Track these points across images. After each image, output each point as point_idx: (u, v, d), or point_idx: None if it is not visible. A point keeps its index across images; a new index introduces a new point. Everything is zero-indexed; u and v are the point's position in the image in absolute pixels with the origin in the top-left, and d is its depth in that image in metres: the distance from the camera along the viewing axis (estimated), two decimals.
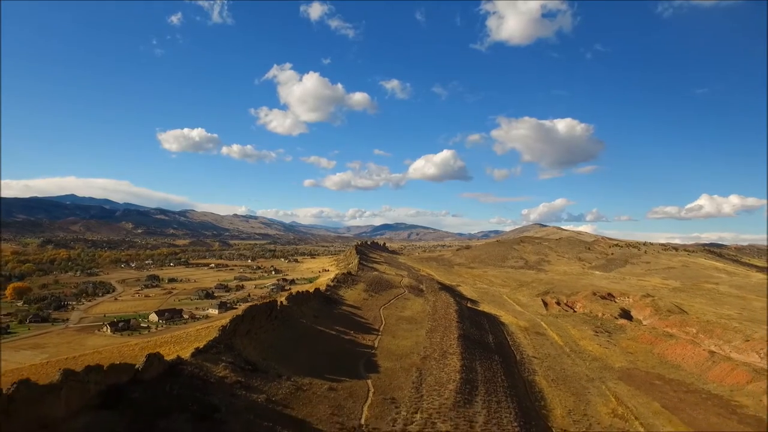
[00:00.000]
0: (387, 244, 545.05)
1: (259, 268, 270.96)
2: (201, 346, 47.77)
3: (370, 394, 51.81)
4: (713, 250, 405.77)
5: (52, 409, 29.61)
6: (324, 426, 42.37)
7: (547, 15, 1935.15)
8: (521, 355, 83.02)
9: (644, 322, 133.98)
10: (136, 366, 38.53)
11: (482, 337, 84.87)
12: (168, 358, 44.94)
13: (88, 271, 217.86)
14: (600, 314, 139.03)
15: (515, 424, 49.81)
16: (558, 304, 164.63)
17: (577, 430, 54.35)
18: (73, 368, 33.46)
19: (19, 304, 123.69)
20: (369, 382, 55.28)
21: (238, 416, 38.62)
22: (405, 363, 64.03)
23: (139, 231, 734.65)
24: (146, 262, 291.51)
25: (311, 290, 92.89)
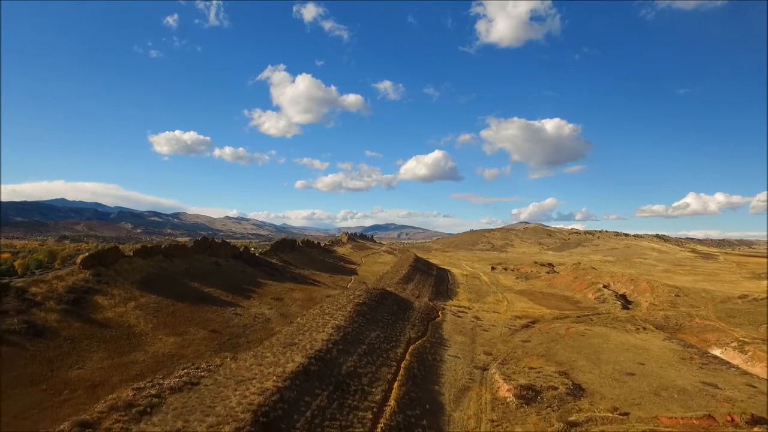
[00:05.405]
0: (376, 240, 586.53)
1: None
2: (264, 251, 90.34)
3: (353, 280, 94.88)
4: (663, 236, 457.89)
5: (218, 254, 72.10)
6: (329, 284, 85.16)
7: (536, 18, 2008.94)
8: (453, 281, 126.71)
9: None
10: (240, 249, 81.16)
11: (428, 270, 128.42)
12: None
13: None
14: (530, 271, 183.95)
15: (429, 294, 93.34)
16: (505, 269, 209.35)
17: (468, 301, 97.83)
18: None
19: None
20: (352, 277, 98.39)
21: (287, 273, 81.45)
22: (374, 274, 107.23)
23: (139, 231, 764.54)
24: None
25: (315, 242, 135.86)
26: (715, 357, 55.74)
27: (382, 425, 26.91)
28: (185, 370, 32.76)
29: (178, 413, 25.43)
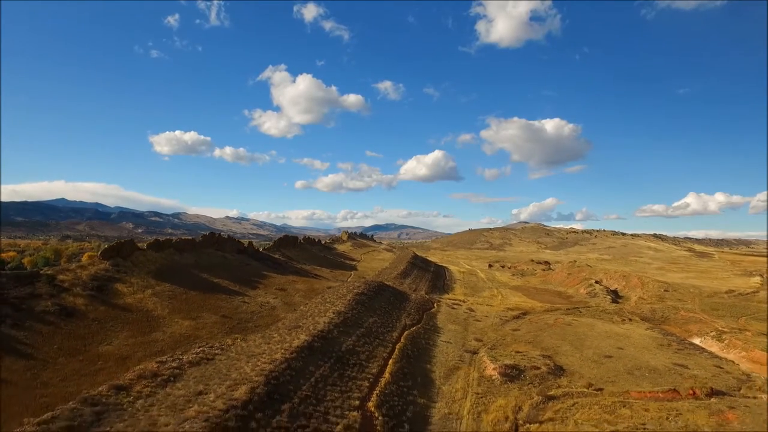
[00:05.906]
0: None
1: None
2: (267, 247, 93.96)
3: (352, 275, 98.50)
4: (660, 235, 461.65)
5: (224, 248, 75.71)
6: (329, 277, 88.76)
7: (536, 18, 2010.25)
8: (450, 277, 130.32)
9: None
10: (245, 245, 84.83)
11: (426, 267, 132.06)
12: None
13: None
14: (526, 269, 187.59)
15: (426, 288, 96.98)
16: (502, 267, 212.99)
17: (464, 295, 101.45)
18: None
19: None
20: (352, 272, 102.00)
21: (290, 267, 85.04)
22: (373, 269, 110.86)
23: (140, 231, 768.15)
24: None
25: (316, 240, 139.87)
26: (692, 344, 59.41)
27: (378, 392, 30.56)
28: (201, 348, 36.43)
29: (198, 380, 29.13)
